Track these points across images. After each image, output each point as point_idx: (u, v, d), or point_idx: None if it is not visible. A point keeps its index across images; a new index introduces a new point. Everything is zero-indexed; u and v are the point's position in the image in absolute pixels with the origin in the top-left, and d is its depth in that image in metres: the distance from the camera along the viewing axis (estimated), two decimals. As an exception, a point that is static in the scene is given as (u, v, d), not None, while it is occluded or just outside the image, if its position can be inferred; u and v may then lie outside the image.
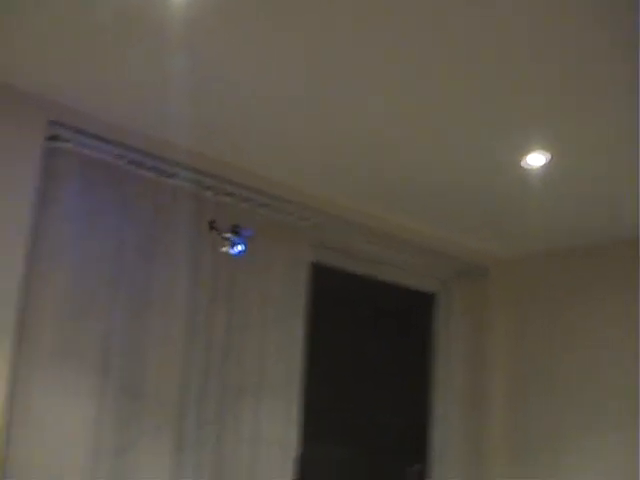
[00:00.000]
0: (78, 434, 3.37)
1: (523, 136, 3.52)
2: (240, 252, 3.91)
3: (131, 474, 3.53)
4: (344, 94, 3.26)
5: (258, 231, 4.04)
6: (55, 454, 3.29)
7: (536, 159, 3.66)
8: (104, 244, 3.56)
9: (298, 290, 4.21)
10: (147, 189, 3.73)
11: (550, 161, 3.68)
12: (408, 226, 4.70)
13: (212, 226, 3.87)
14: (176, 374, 3.72)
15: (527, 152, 3.62)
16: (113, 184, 3.62)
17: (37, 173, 3.40)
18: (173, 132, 3.68)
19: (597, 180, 3.89)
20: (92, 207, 3.55)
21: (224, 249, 3.87)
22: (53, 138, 3.48)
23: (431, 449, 4.98)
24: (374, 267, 4.86)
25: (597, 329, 4.66)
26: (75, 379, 3.40)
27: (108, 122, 3.59)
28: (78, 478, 3.34)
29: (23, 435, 3.24)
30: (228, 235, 3.88)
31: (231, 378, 3.90)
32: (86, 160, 3.54)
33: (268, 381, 4.02)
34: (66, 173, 3.50)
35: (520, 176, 3.86)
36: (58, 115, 3.48)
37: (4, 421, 3.18)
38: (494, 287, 5.16)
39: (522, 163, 3.71)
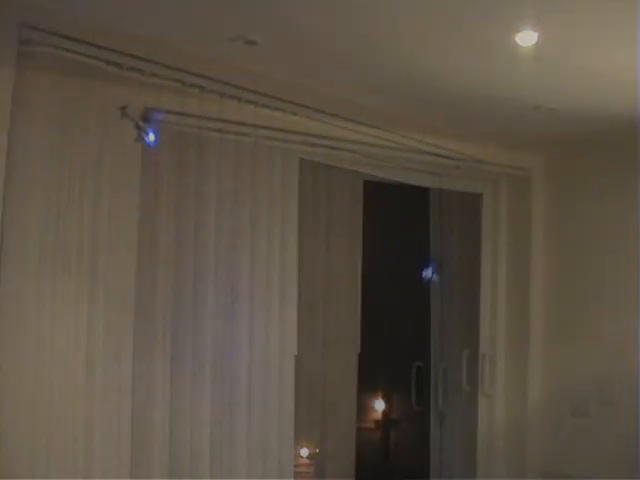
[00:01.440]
0: (70, 341, 3.30)
1: (512, 13, 3.31)
2: (152, 142, 3.52)
3: (125, 383, 3.50)
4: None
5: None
6: (46, 363, 3.23)
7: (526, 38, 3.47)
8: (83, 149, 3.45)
9: (290, 189, 4.13)
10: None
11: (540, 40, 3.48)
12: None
13: (124, 113, 3.51)
14: (169, 281, 3.66)
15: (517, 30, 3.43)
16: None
17: (12, 80, 3.27)
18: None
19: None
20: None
21: (137, 139, 3.51)
22: (26, 42, 3.33)
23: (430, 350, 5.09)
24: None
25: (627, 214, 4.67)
26: (64, 287, 3.32)
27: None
28: (71, 386, 3.29)
29: (12, 344, 3.17)
30: (141, 123, 3.51)
31: (225, 282, 3.85)
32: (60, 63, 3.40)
33: (263, 284, 3.97)
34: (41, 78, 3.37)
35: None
36: (30, 18, 3.32)
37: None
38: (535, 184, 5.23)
39: (513, 42, 3.51)
